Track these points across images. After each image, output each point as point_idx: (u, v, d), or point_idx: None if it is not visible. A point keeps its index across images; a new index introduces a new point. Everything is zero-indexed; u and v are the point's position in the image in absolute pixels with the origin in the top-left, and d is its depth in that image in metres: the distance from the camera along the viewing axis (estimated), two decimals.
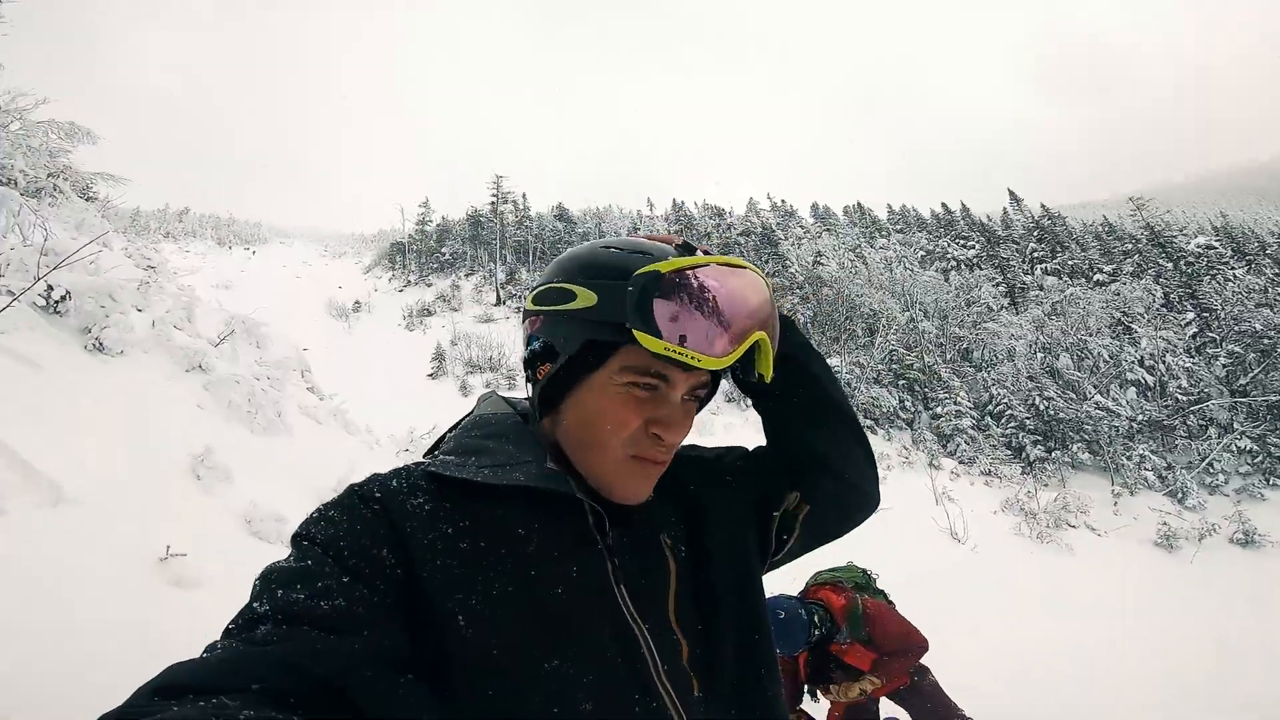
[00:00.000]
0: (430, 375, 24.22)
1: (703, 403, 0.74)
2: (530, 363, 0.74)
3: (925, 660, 2.98)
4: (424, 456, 0.77)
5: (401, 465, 0.72)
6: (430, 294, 37.75)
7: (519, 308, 35.35)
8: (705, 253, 0.72)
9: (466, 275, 41.04)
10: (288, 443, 5.04)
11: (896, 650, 2.70)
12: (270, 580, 0.58)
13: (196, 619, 2.24)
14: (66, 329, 4.44)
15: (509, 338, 26.92)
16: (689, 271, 0.64)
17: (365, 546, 0.61)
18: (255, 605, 0.56)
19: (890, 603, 2.93)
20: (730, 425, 18.86)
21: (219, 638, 0.55)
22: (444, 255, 43.21)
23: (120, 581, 2.33)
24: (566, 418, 0.71)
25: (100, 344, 4.45)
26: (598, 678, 0.63)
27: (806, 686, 2.90)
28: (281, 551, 3.49)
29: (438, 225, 46.94)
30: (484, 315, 33.13)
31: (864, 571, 3.01)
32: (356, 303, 35.62)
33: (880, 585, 3.05)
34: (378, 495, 0.66)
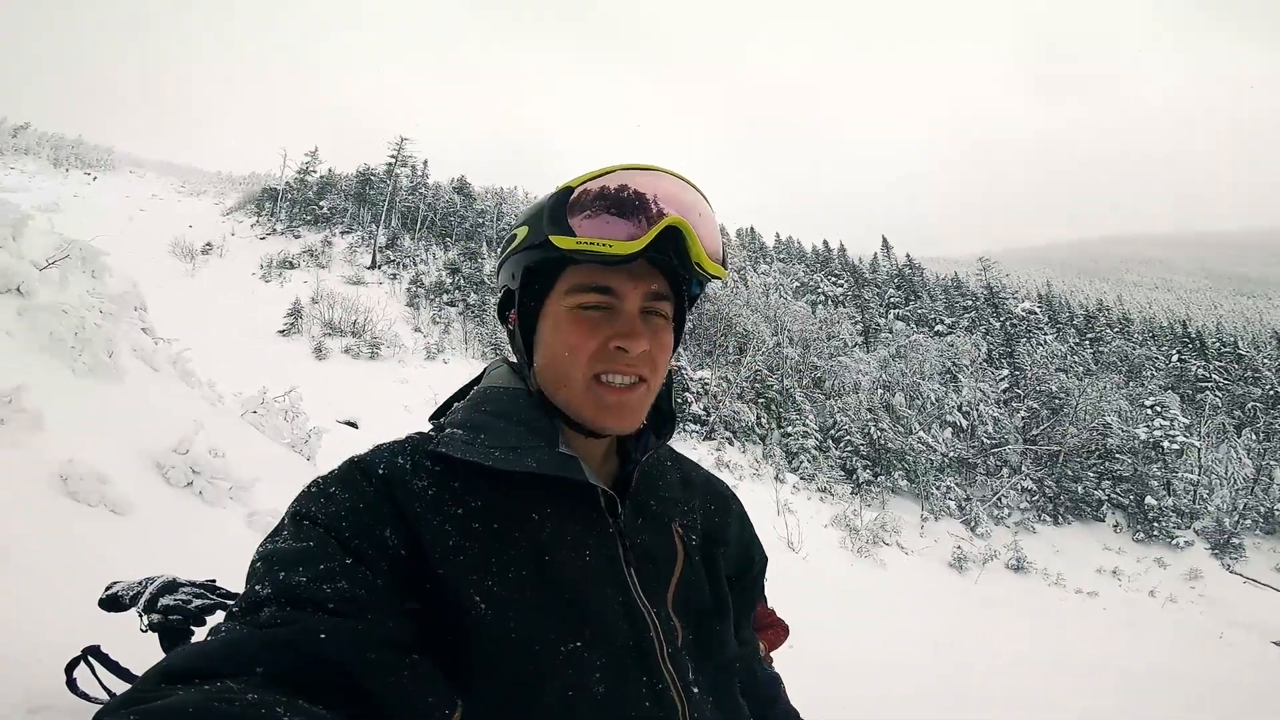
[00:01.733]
0: (282, 332, 22.35)
1: (678, 325, 0.75)
2: (501, 317, 0.77)
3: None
4: (429, 421, 0.78)
5: (405, 438, 0.72)
6: (297, 246, 34.74)
7: (395, 274, 33.53)
8: None
9: (343, 233, 38.21)
10: (117, 389, 4.56)
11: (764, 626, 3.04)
12: (271, 562, 0.57)
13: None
14: None
15: (379, 304, 25.43)
16: (598, 179, 0.67)
17: (368, 526, 0.61)
18: (258, 588, 0.56)
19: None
20: None
21: (223, 620, 0.56)
22: (321, 208, 39.94)
23: None
24: (538, 360, 0.72)
25: None
26: (610, 660, 0.64)
27: None
28: (103, 520, 3.20)
29: (321, 177, 43.30)
30: (355, 277, 31.08)
31: None
32: (208, 245, 32.10)
33: None
34: (381, 472, 0.65)
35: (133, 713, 0.41)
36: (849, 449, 21.98)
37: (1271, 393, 30.21)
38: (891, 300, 36.32)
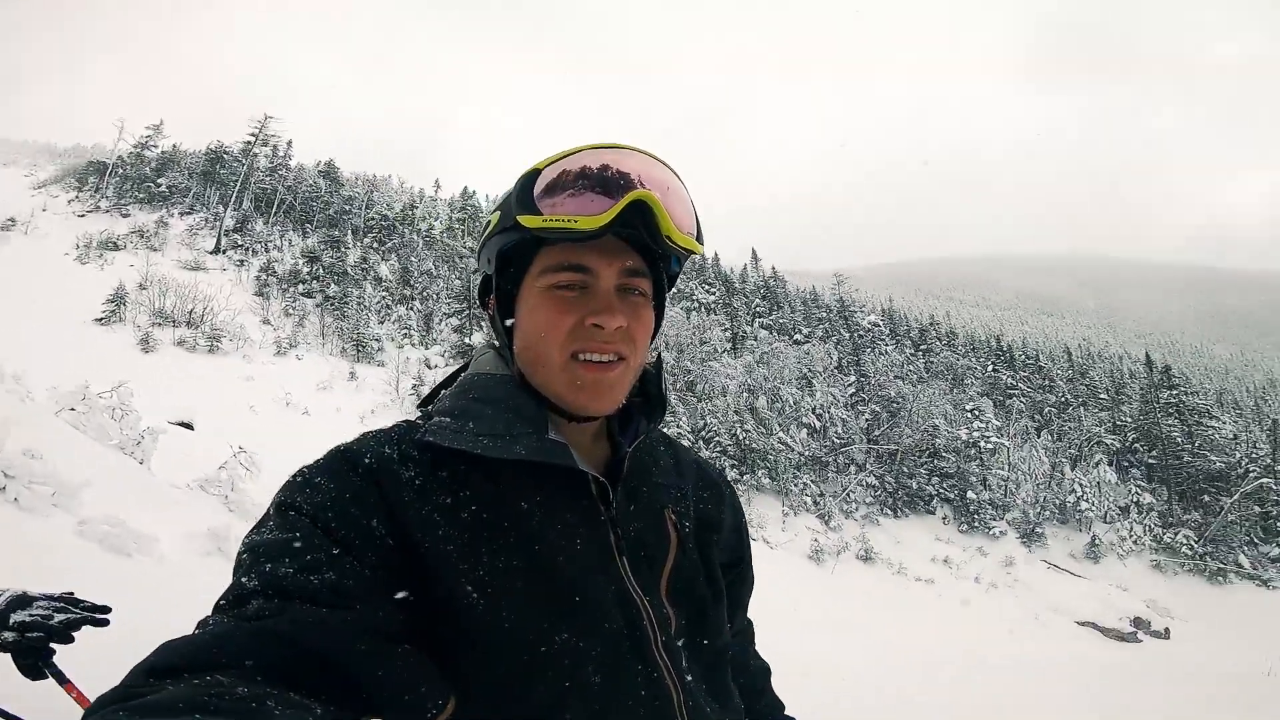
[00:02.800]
0: (100, 320, 19.71)
1: (658, 303, 0.76)
2: (481, 303, 0.77)
3: None
4: (418, 409, 0.76)
5: (392, 426, 0.71)
6: (125, 226, 30.86)
7: (243, 261, 30.70)
8: None
9: (183, 214, 34.40)
10: None
11: None
12: (258, 554, 0.56)
13: None
14: None
15: (221, 293, 23.12)
16: (564, 160, 0.67)
17: (354, 516, 0.60)
18: (244, 580, 0.55)
19: None
20: None
21: (210, 613, 0.54)
22: (159, 186, 35.70)
23: None
24: (516, 343, 0.72)
25: None
26: (604, 650, 0.63)
27: None
28: None
29: (164, 153, 38.71)
30: (194, 262, 28.13)
31: None
32: (10, 220, 27.59)
33: None
34: (368, 461, 0.64)
35: (122, 709, 0.40)
36: (718, 449, 23.08)
37: (1063, 399, 35.59)
38: (757, 309, 38.55)
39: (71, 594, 1.50)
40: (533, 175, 0.67)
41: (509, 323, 0.72)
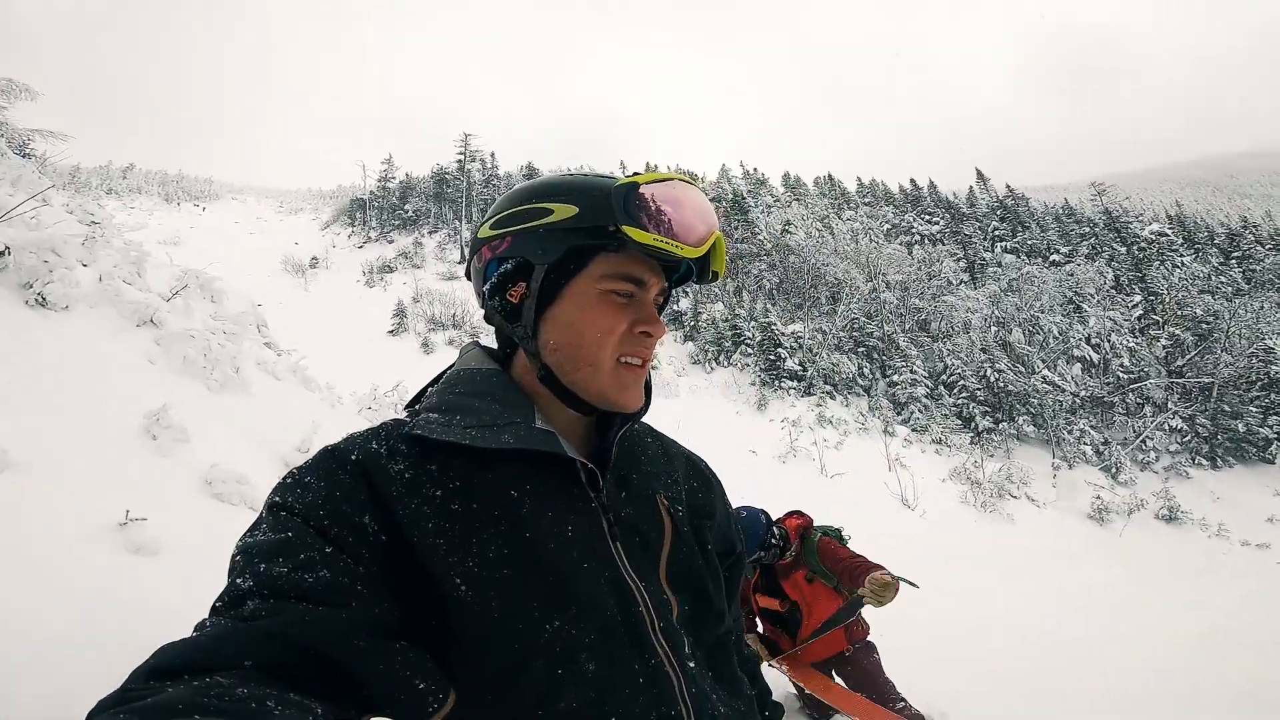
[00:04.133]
0: (391, 332, 23.74)
1: (660, 309, 0.80)
2: (499, 288, 0.73)
3: (873, 636, 3.12)
4: (404, 410, 0.77)
5: (380, 424, 0.71)
6: (392, 251, 36.67)
7: None
8: None
9: (430, 233, 39.95)
10: (247, 400, 4.90)
11: (845, 570, 2.82)
12: (251, 555, 0.57)
13: (160, 586, 2.19)
14: (6, 285, 4.20)
15: (472, 295, 26.36)
16: (659, 184, 0.71)
17: (346, 514, 0.60)
18: (239, 581, 0.55)
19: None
20: (695, 387, 19.11)
21: (207, 615, 0.55)
22: (407, 213, 41.87)
23: (77, 549, 2.27)
24: (550, 338, 0.72)
25: (43, 299, 4.23)
26: (599, 637, 0.63)
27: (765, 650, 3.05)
28: (244, 516, 3.43)
29: (401, 183, 45.35)
30: (447, 273, 32.39)
31: (839, 530, 3.15)
32: (314, 259, 34.38)
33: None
34: (355, 458, 0.65)
35: (123, 711, 0.41)
36: (964, 394, 20.41)
37: None
38: (996, 233, 33.43)
39: None
40: (633, 188, 0.69)
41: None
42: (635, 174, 0.72)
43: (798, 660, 2.96)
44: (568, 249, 0.70)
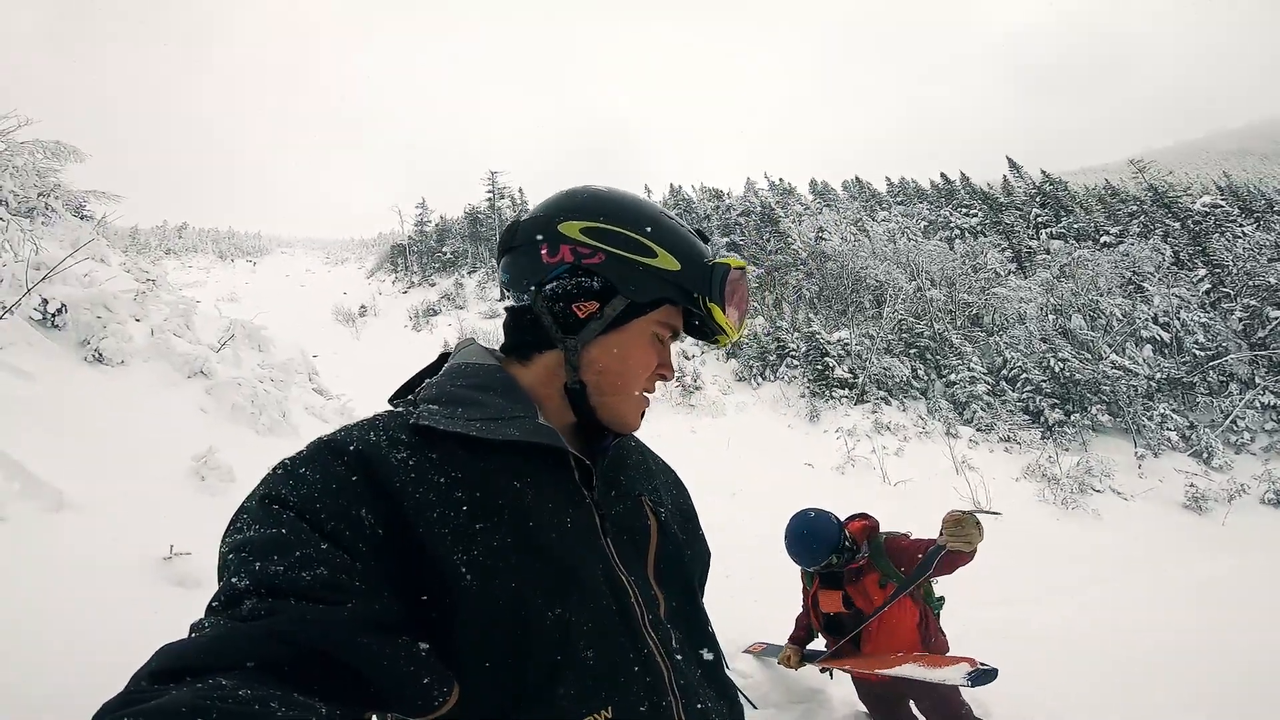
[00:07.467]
0: None
1: None
2: (569, 297, 0.74)
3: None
4: (390, 401, 0.76)
5: (373, 416, 0.69)
6: (434, 294, 37.74)
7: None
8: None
9: (469, 273, 40.98)
10: (294, 443, 4.95)
11: (908, 550, 2.73)
12: (243, 552, 0.55)
13: (199, 615, 2.17)
14: (65, 342, 4.39)
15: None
16: (737, 269, 0.78)
17: (342, 507, 0.58)
18: (234, 580, 0.54)
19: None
20: (742, 404, 18.74)
21: (203, 615, 0.53)
22: (445, 255, 43.12)
23: (125, 583, 2.27)
24: (598, 359, 0.74)
25: (100, 355, 4.40)
26: (596, 626, 0.64)
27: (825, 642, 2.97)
28: None
29: (436, 225, 46.84)
30: (489, 311, 33.09)
31: (906, 534, 2.99)
32: (362, 307, 35.70)
33: None
34: (354, 449, 0.63)
35: (127, 714, 0.41)
36: (1029, 388, 19.33)
37: None
38: (1039, 220, 32.16)
39: None
40: (726, 272, 0.76)
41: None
42: (725, 257, 0.78)
43: (857, 653, 2.80)
44: (658, 298, 0.75)
